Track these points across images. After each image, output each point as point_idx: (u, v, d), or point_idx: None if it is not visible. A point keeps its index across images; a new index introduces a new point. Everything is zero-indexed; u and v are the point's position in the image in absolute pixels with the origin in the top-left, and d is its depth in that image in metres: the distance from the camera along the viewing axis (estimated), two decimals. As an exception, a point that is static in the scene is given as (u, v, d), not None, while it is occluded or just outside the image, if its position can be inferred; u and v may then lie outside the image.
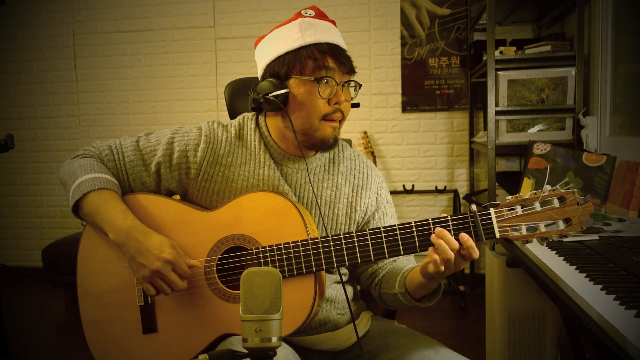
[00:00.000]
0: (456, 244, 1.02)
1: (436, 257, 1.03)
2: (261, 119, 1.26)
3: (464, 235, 1.03)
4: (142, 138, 1.26)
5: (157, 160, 1.22)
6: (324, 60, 1.15)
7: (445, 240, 1.03)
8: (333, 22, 1.25)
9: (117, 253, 1.17)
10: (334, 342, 1.25)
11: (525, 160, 2.27)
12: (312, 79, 1.15)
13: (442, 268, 1.03)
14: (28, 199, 4.21)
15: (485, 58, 2.67)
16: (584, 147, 2.41)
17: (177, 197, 1.28)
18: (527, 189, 2.19)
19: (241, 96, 1.54)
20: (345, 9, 3.70)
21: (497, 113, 2.56)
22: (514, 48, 2.63)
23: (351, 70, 1.19)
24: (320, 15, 1.23)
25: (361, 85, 1.23)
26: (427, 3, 3.64)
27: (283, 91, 1.16)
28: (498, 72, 2.54)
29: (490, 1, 2.53)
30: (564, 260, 1.27)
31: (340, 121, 1.20)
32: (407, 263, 1.27)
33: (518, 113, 2.56)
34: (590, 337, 0.94)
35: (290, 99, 1.17)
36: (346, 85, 1.18)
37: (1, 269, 2.67)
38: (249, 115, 1.29)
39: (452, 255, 1.02)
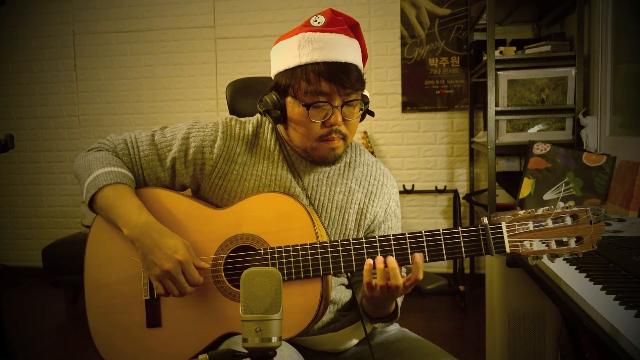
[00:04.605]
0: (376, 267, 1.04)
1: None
2: None
3: (390, 260, 1.03)
4: (158, 132, 1.25)
5: (172, 155, 1.21)
6: (318, 84, 1.10)
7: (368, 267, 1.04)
8: (350, 25, 1.19)
9: (126, 246, 1.17)
10: (336, 343, 1.25)
11: (525, 160, 2.27)
12: (303, 103, 1.12)
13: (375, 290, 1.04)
14: (28, 199, 4.21)
15: (485, 58, 2.67)
16: (584, 147, 2.41)
17: (189, 191, 1.28)
18: (527, 189, 2.19)
19: (242, 96, 1.54)
20: (345, 9, 3.67)
21: (497, 113, 2.56)
22: (514, 48, 2.63)
23: (354, 89, 1.13)
24: (331, 23, 1.15)
25: (367, 102, 1.18)
26: (427, 3, 3.64)
27: (277, 112, 1.16)
28: (498, 72, 2.54)
29: (490, 1, 2.53)
30: (564, 260, 1.27)
31: (344, 139, 1.16)
32: None
33: (518, 113, 2.56)
34: (590, 337, 0.94)
35: (288, 115, 1.17)
36: (346, 105, 1.13)
37: (1, 269, 2.67)
38: None
39: (369, 279, 1.04)
